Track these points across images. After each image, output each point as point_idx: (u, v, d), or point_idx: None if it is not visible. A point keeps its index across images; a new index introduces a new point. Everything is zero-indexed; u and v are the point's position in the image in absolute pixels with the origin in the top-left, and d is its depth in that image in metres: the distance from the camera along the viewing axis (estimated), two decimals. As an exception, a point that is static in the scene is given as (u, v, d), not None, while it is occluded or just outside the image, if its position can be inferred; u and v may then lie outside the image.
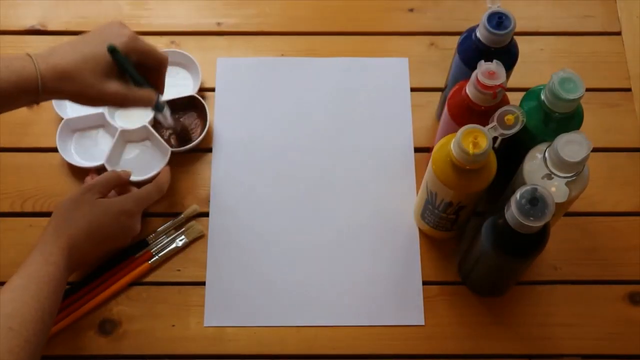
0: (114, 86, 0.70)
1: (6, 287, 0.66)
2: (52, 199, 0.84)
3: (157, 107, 0.76)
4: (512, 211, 0.62)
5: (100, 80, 0.69)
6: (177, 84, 0.90)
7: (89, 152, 0.86)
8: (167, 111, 0.78)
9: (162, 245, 0.82)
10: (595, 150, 0.63)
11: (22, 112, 0.88)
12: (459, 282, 0.81)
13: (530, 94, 0.71)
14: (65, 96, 0.70)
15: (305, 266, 0.82)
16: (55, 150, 0.85)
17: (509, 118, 0.65)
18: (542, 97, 0.68)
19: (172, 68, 0.91)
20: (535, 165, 0.67)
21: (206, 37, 0.95)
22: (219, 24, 0.95)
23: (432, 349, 0.78)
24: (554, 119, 0.68)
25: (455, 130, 0.67)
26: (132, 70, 0.72)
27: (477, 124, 0.66)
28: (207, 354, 0.78)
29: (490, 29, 0.69)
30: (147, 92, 0.74)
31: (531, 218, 0.62)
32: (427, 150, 0.87)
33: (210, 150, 0.87)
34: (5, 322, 0.62)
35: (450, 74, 0.80)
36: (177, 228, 0.83)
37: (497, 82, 0.66)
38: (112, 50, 0.69)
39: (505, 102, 0.70)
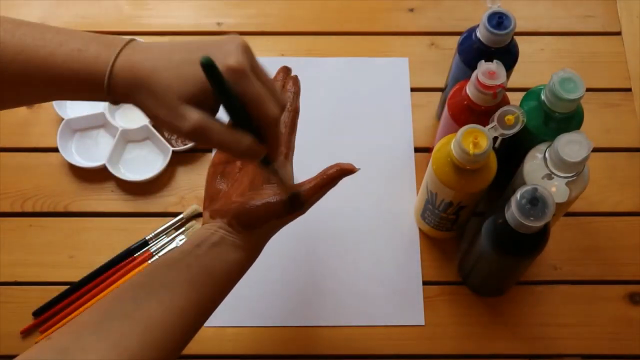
0: (194, 115, 0.49)
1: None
2: (52, 199, 0.84)
3: (265, 162, 0.56)
4: (512, 211, 0.62)
5: (178, 102, 0.49)
6: (177, 84, 0.90)
7: (90, 152, 0.86)
8: (277, 172, 0.58)
9: (162, 245, 0.82)
10: (595, 150, 0.63)
11: (22, 112, 0.89)
12: (459, 282, 0.81)
13: (531, 94, 0.71)
14: (140, 104, 0.51)
15: (305, 266, 0.82)
16: (55, 150, 0.85)
17: (509, 118, 0.65)
18: (543, 97, 0.68)
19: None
20: (535, 165, 0.67)
21: (206, 37, 0.94)
22: (219, 24, 0.95)
23: (432, 349, 0.78)
24: (554, 119, 0.68)
25: (456, 130, 0.67)
26: (231, 98, 0.49)
27: (477, 124, 0.66)
28: (207, 354, 0.78)
29: (491, 29, 0.69)
30: (244, 138, 0.51)
31: (531, 218, 0.62)
32: (427, 150, 0.87)
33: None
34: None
35: (450, 74, 0.80)
36: (177, 228, 0.83)
37: (497, 82, 0.66)
38: (207, 65, 0.47)
39: (505, 102, 0.70)
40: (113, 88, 0.51)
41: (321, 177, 0.62)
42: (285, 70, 0.68)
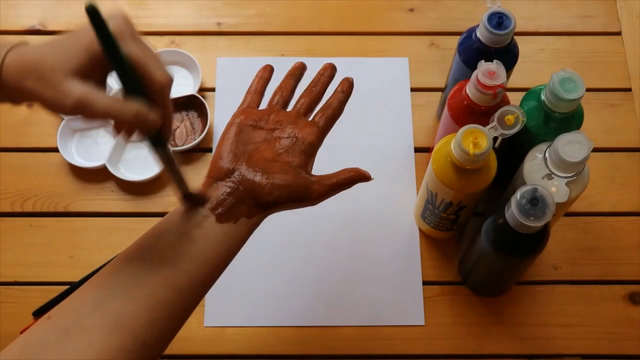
0: (77, 88, 0.48)
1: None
2: (52, 199, 0.84)
3: (155, 140, 0.52)
4: (512, 211, 0.62)
5: (62, 77, 0.48)
6: (178, 84, 0.90)
7: (90, 152, 0.86)
8: (172, 156, 0.54)
9: (162, 245, 0.81)
10: (595, 150, 0.63)
11: (23, 112, 0.89)
12: (459, 282, 0.81)
13: (531, 94, 0.71)
14: (30, 93, 0.50)
15: (305, 266, 0.82)
16: (55, 150, 0.85)
17: (509, 118, 0.65)
18: (543, 97, 0.68)
19: (172, 67, 0.92)
20: (535, 165, 0.67)
21: (206, 37, 0.95)
22: (219, 24, 0.95)
23: (432, 349, 0.78)
24: (554, 119, 0.68)
25: (456, 130, 0.67)
26: (117, 52, 0.47)
27: (477, 124, 0.66)
28: (207, 354, 0.78)
29: (491, 29, 0.69)
30: (132, 103, 0.49)
31: (531, 218, 0.62)
32: (427, 150, 0.87)
33: (210, 150, 0.87)
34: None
35: (450, 74, 0.80)
36: (177, 228, 0.83)
37: (498, 82, 0.66)
38: (91, 8, 0.46)
39: (505, 102, 0.70)
40: (5, 82, 0.50)
41: (341, 176, 0.62)
42: (333, 67, 0.69)
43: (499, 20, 0.70)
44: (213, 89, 0.91)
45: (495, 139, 0.66)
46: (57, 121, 0.86)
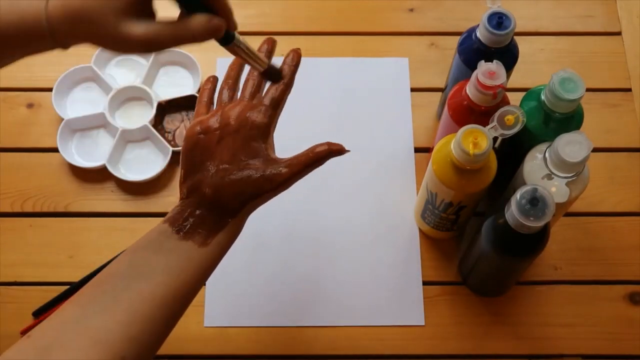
0: (138, 30, 0.50)
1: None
2: (52, 199, 0.84)
3: (227, 39, 0.56)
4: (512, 211, 0.62)
5: (117, 22, 0.49)
6: (178, 84, 0.90)
7: (90, 151, 0.86)
8: (243, 44, 0.58)
9: (162, 245, 0.81)
10: (595, 150, 0.63)
11: (22, 112, 0.89)
12: (459, 282, 0.81)
13: (531, 94, 0.71)
14: (86, 39, 0.51)
15: (305, 266, 0.82)
16: (55, 150, 0.85)
17: (509, 118, 0.65)
18: (543, 97, 0.68)
19: (172, 67, 0.92)
20: (535, 165, 0.67)
21: (206, 37, 0.94)
22: (219, 24, 0.95)
23: (432, 349, 0.78)
24: (554, 119, 0.68)
25: (456, 130, 0.67)
26: None
27: (477, 124, 0.66)
28: (207, 354, 0.78)
29: (491, 29, 0.69)
30: (196, 17, 0.52)
31: (531, 218, 0.62)
32: (427, 150, 0.87)
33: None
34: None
35: (450, 74, 0.80)
36: (177, 228, 0.83)
37: (497, 82, 0.66)
38: None
39: (505, 102, 0.70)
40: (54, 29, 0.50)
41: (308, 154, 0.60)
42: (272, 42, 0.67)
43: (499, 20, 0.70)
44: (213, 89, 0.91)
45: (495, 139, 0.66)
46: (57, 121, 0.86)
